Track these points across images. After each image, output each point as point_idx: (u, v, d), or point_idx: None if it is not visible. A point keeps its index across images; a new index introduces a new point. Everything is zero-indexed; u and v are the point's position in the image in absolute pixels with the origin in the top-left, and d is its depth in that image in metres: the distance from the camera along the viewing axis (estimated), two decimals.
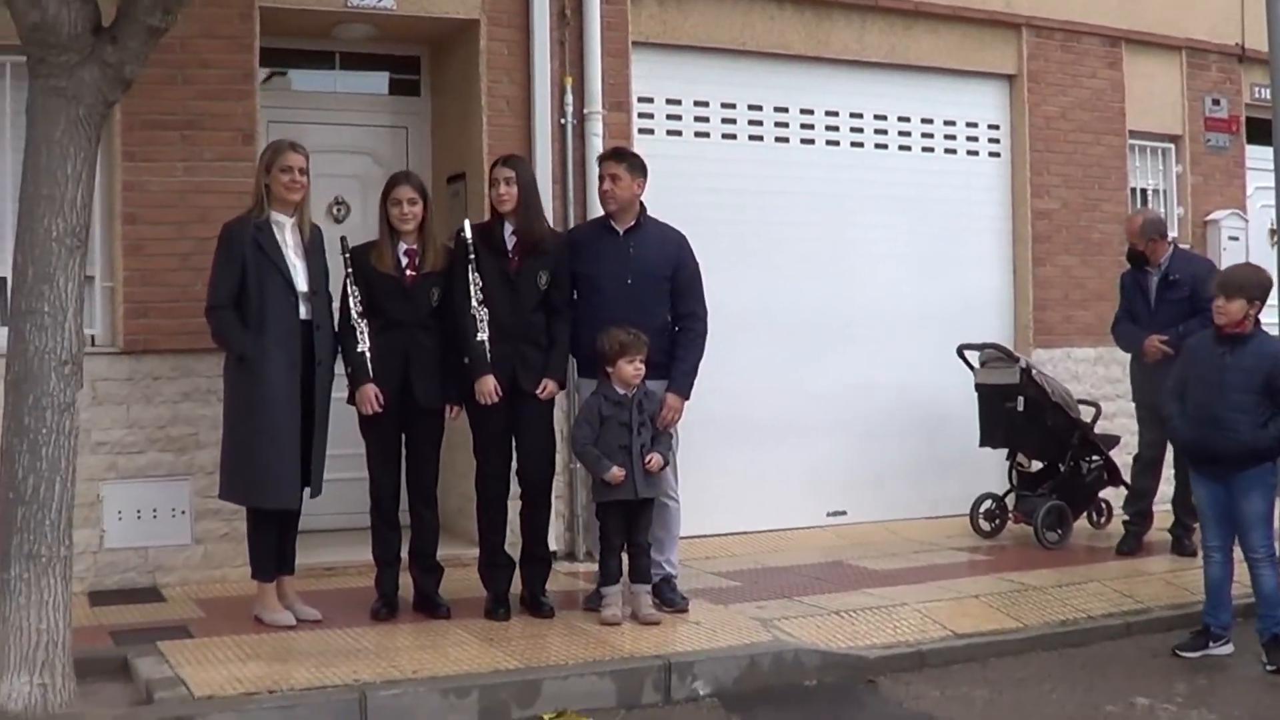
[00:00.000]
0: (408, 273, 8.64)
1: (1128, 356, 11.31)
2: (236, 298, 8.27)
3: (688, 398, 8.95)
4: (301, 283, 8.36)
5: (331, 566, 9.89)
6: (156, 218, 9.56)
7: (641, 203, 9.09)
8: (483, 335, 8.58)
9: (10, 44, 7.29)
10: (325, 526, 10.21)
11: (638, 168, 9.09)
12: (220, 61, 9.77)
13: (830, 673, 8.20)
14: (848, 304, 12.14)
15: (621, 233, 9.04)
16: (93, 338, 9.50)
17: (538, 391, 8.72)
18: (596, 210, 9.83)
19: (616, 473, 8.49)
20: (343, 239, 8.75)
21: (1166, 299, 10.88)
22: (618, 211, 9.05)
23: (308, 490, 8.51)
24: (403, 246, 8.68)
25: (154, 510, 9.51)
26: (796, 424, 11.82)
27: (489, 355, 8.59)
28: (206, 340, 8.65)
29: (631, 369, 8.57)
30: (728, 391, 11.05)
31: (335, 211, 11.17)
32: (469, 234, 8.66)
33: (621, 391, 8.62)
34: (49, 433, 6.98)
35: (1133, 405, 11.33)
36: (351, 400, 8.64)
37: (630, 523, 8.68)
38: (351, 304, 8.55)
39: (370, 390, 8.51)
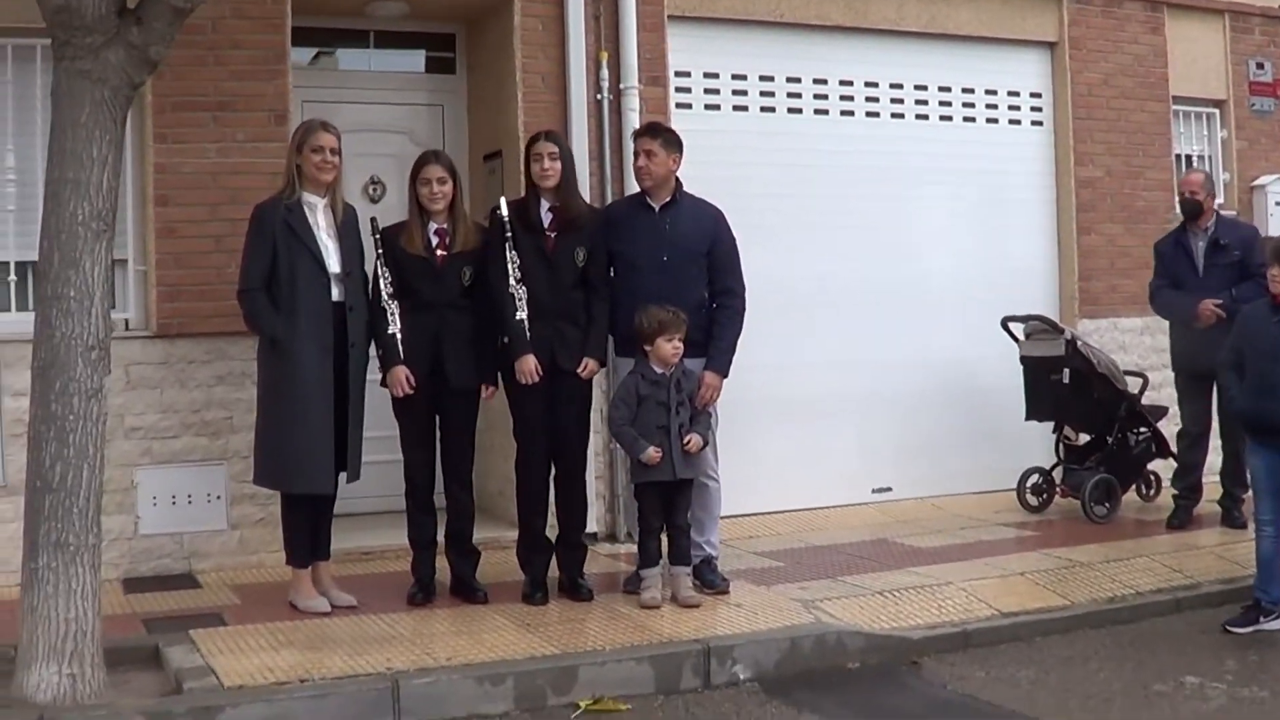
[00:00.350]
0: (438, 253, 8.52)
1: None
2: (268, 280, 8.17)
3: (726, 375, 8.80)
4: (334, 264, 8.25)
5: (369, 551, 9.78)
6: (189, 200, 9.46)
7: (677, 178, 8.94)
8: (521, 314, 8.46)
9: (40, 26, 7.16)
10: (362, 510, 10.12)
11: (673, 143, 8.94)
12: (252, 42, 9.65)
13: (873, 654, 8.04)
14: (890, 277, 11.96)
15: (657, 209, 8.89)
16: (126, 321, 9.44)
17: (579, 370, 8.60)
18: (633, 186, 9.70)
19: (653, 453, 8.34)
20: (373, 220, 8.63)
21: (1215, 263, 10.71)
22: (653, 188, 8.90)
23: (344, 476, 8.39)
24: (433, 226, 8.55)
25: (189, 496, 9.41)
26: (839, 399, 11.68)
27: (528, 334, 8.47)
28: (240, 323, 8.57)
29: (670, 347, 8.43)
30: (768, 367, 10.94)
31: (371, 191, 11.07)
32: (505, 211, 8.53)
33: (659, 370, 8.47)
34: (76, 419, 6.88)
35: None
36: (384, 382, 8.53)
37: (669, 504, 8.53)
38: (382, 285, 8.44)
39: (401, 372, 8.40)
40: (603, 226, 8.87)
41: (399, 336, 8.41)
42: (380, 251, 8.48)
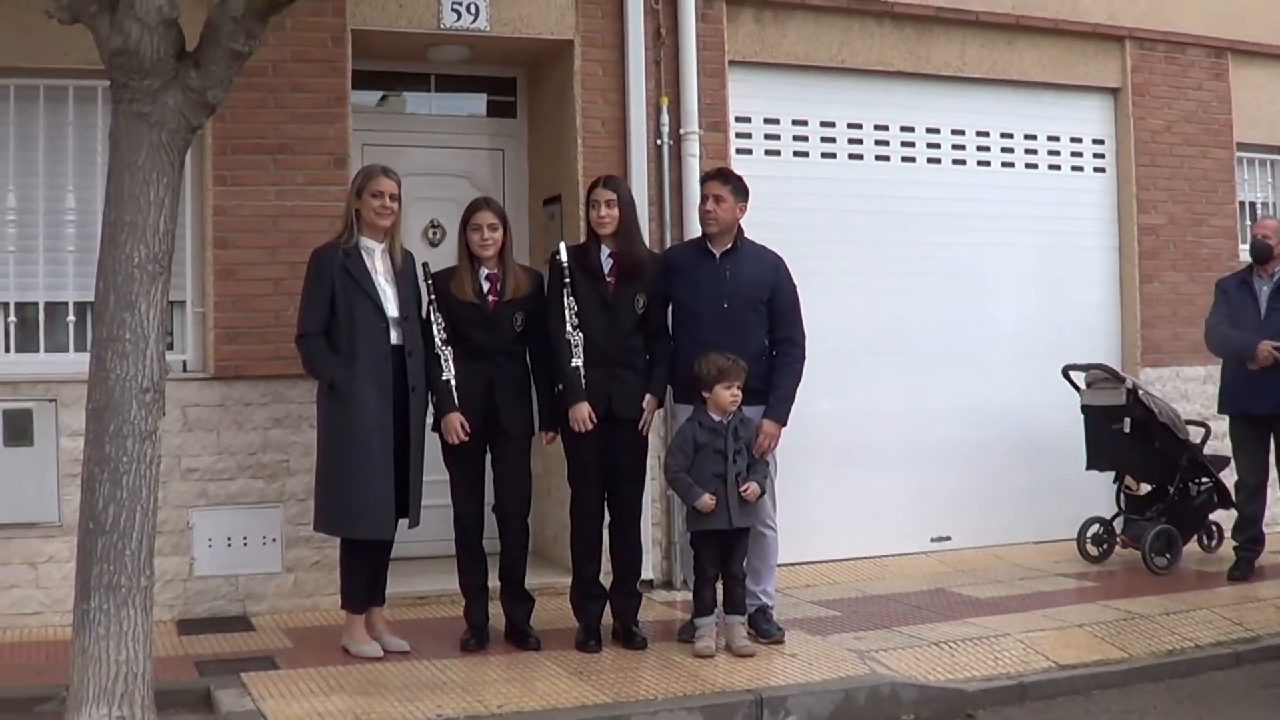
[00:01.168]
0: (489, 299, 8.46)
1: None
2: (327, 325, 8.15)
3: (785, 424, 8.68)
4: (392, 308, 8.23)
5: (423, 595, 9.70)
6: (248, 242, 9.45)
7: (740, 225, 8.86)
8: (577, 361, 8.40)
9: (101, 68, 7.15)
10: (418, 554, 10.02)
11: (741, 191, 8.87)
12: (312, 85, 9.65)
13: (928, 707, 7.90)
14: (951, 324, 11.83)
15: (718, 255, 8.80)
16: (184, 363, 9.43)
17: (643, 404, 8.55)
18: (693, 232, 9.68)
19: (707, 501, 8.23)
20: (424, 265, 8.56)
21: (1278, 308, 10.60)
22: (718, 234, 8.81)
23: (404, 520, 8.36)
24: (484, 272, 8.49)
25: (244, 538, 9.37)
26: (899, 447, 11.55)
27: (584, 381, 8.40)
28: (298, 366, 8.55)
29: (729, 395, 8.33)
30: (827, 414, 10.87)
31: (431, 235, 11.03)
32: (564, 257, 8.48)
33: (717, 418, 8.36)
34: (130, 461, 6.82)
35: None
36: (436, 428, 8.47)
37: (725, 552, 8.41)
38: (435, 331, 8.39)
39: (456, 419, 8.35)
40: (662, 272, 8.78)
41: (453, 383, 8.36)
42: (432, 297, 8.43)
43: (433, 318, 8.40)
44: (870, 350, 11.47)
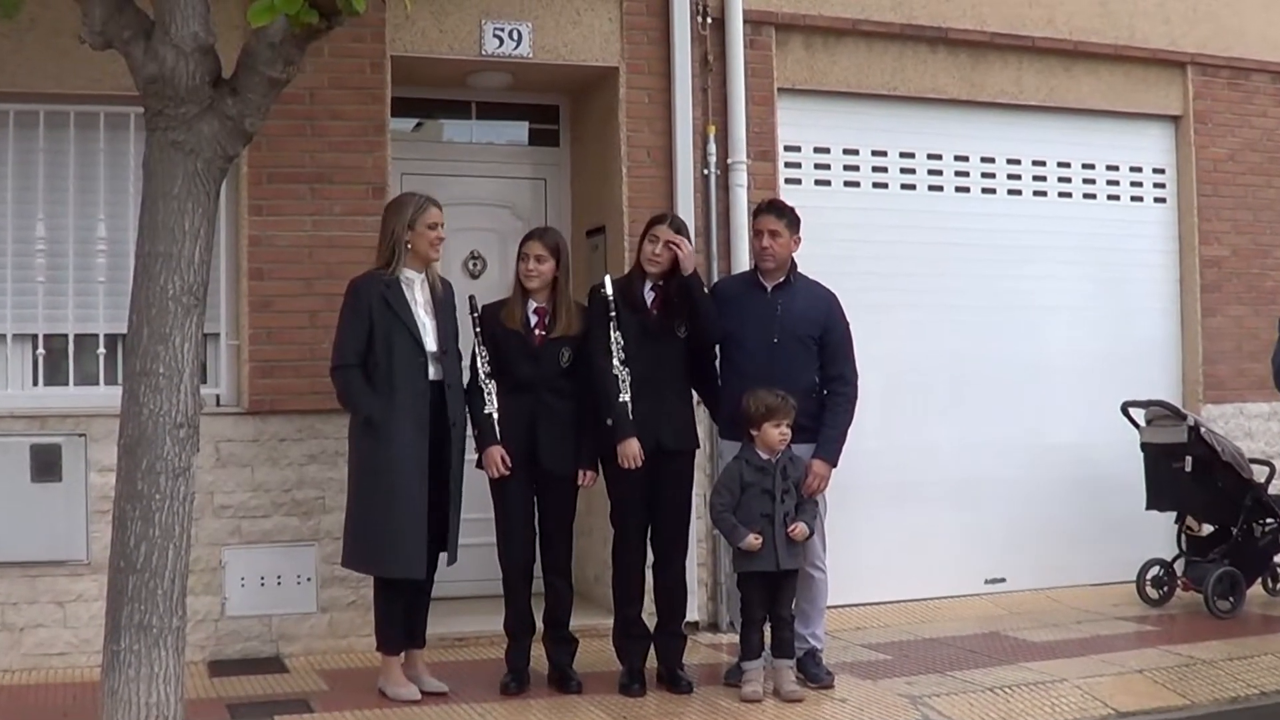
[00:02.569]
0: (536, 332, 8.46)
1: None
2: (363, 357, 8.15)
3: (835, 465, 8.64)
4: (431, 342, 8.24)
5: (463, 637, 9.68)
6: (284, 273, 9.47)
7: (793, 259, 8.83)
8: (625, 396, 8.37)
9: (134, 94, 7.17)
10: (457, 594, 10.03)
11: (795, 223, 8.84)
12: (351, 113, 9.68)
13: None
14: (1006, 359, 11.78)
15: (769, 290, 8.77)
16: (217, 397, 9.44)
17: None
18: (741, 263, 9.69)
19: (752, 541, 8.18)
20: (471, 298, 8.59)
21: None
22: (773, 269, 8.78)
23: (443, 558, 8.35)
24: (532, 305, 8.50)
25: (278, 577, 9.37)
26: (952, 485, 11.50)
27: (632, 416, 8.37)
28: (334, 400, 8.54)
29: (777, 433, 8.30)
30: (877, 451, 10.83)
31: (471, 266, 11.05)
32: (610, 290, 8.47)
33: (765, 456, 8.34)
34: (163, 498, 6.81)
35: None
36: (480, 464, 8.47)
37: (772, 594, 8.37)
38: (479, 364, 8.42)
39: (497, 452, 8.35)
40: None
41: (495, 417, 8.37)
42: (478, 330, 8.45)
43: (477, 350, 8.43)
44: (923, 386, 11.45)
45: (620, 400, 8.36)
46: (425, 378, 8.19)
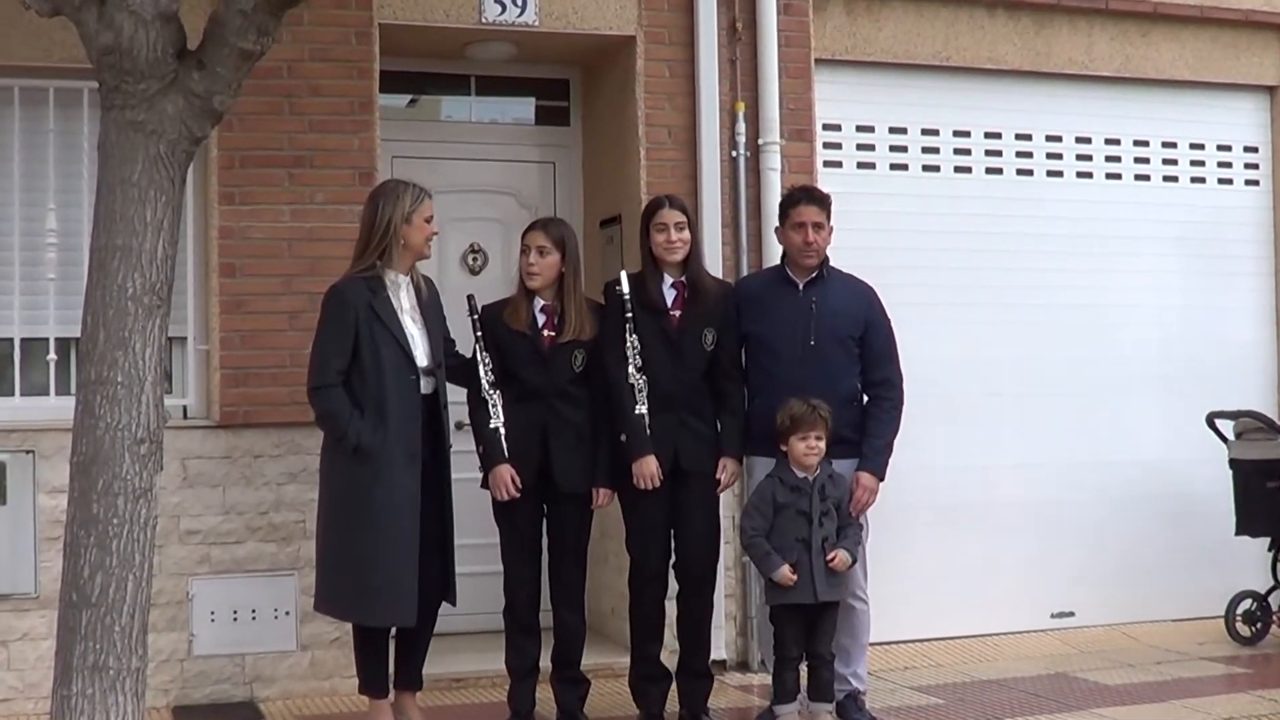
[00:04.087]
0: (545, 333, 8.49)
1: None
2: (346, 374, 8.06)
3: (883, 479, 8.69)
4: (421, 355, 8.16)
5: (460, 677, 9.74)
6: (259, 269, 9.51)
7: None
8: (642, 408, 8.42)
9: (86, 66, 7.22)
10: (455, 629, 10.02)
11: (830, 210, 8.89)
12: (334, 88, 9.72)
13: None
14: (1074, 364, 11.79)
15: (802, 286, 8.80)
16: (184, 409, 9.49)
17: (718, 474, 8.57)
18: (773, 257, 9.63)
19: (786, 573, 8.21)
20: (470, 298, 8.61)
21: None
22: (813, 264, 8.82)
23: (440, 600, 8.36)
24: (539, 303, 8.53)
25: (253, 611, 9.41)
26: (1013, 507, 11.50)
27: (649, 431, 8.42)
28: None
29: (803, 447, 8.32)
30: (928, 469, 10.84)
31: (471, 261, 11.11)
32: (626, 289, 8.50)
33: (800, 474, 8.37)
34: (121, 523, 6.86)
35: None
36: (484, 484, 8.50)
37: (810, 630, 8.40)
38: (482, 373, 8.42)
39: (506, 472, 8.36)
40: (736, 305, 8.81)
41: (503, 431, 8.39)
42: (479, 334, 8.46)
43: (479, 357, 8.44)
44: (979, 395, 11.46)
45: (636, 413, 8.40)
46: (417, 398, 8.13)
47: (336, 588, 8.13)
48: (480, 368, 8.43)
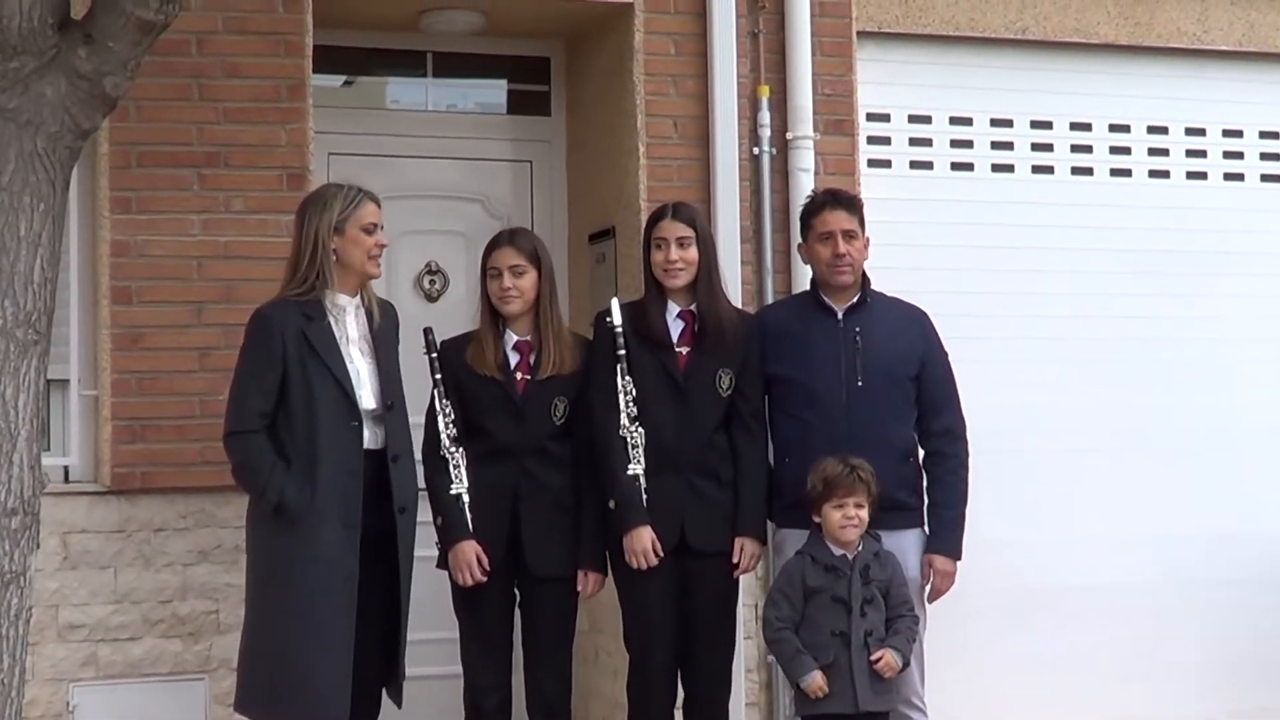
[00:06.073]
0: (518, 376, 8.50)
1: None
2: (271, 418, 8.04)
3: (960, 558, 8.73)
4: (368, 398, 8.14)
5: None
6: (161, 295, 9.51)
7: (865, 272, 8.88)
8: (636, 467, 8.42)
9: None
10: None
11: (862, 216, 8.89)
12: (256, 68, 9.75)
13: None
14: (1190, 413, 11.80)
15: (841, 314, 8.80)
16: (66, 470, 9.51)
17: (734, 560, 8.57)
18: (802, 282, 9.63)
19: (816, 681, 8.15)
20: (427, 332, 8.57)
21: None
22: (848, 285, 8.82)
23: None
24: (511, 339, 8.54)
25: None
26: (1110, 591, 11.47)
27: (645, 496, 8.43)
28: (233, 475, 8.44)
29: (839, 517, 8.27)
30: (1001, 544, 10.81)
31: (427, 285, 11.13)
32: (617, 319, 8.52)
33: (837, 551, 8.35)
34: None
35: None
36: (442, 563, 8.50)
37: None
38: (441, 425, 8.42)
39: (470, 550, 8.35)
40: (757, 339, 8.81)
41: (466, 499, 8.38)
42: (438, 376, 8.45)
43: (438, 405, 8.43)
44: (1064, 451, 11.43)
45: (628, 474, 8.41)
46: (359, 449, 8.07)
47: (253, 683, 8.12)
48: (440, 419, 8.41)
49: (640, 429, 8.42)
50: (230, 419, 8.14)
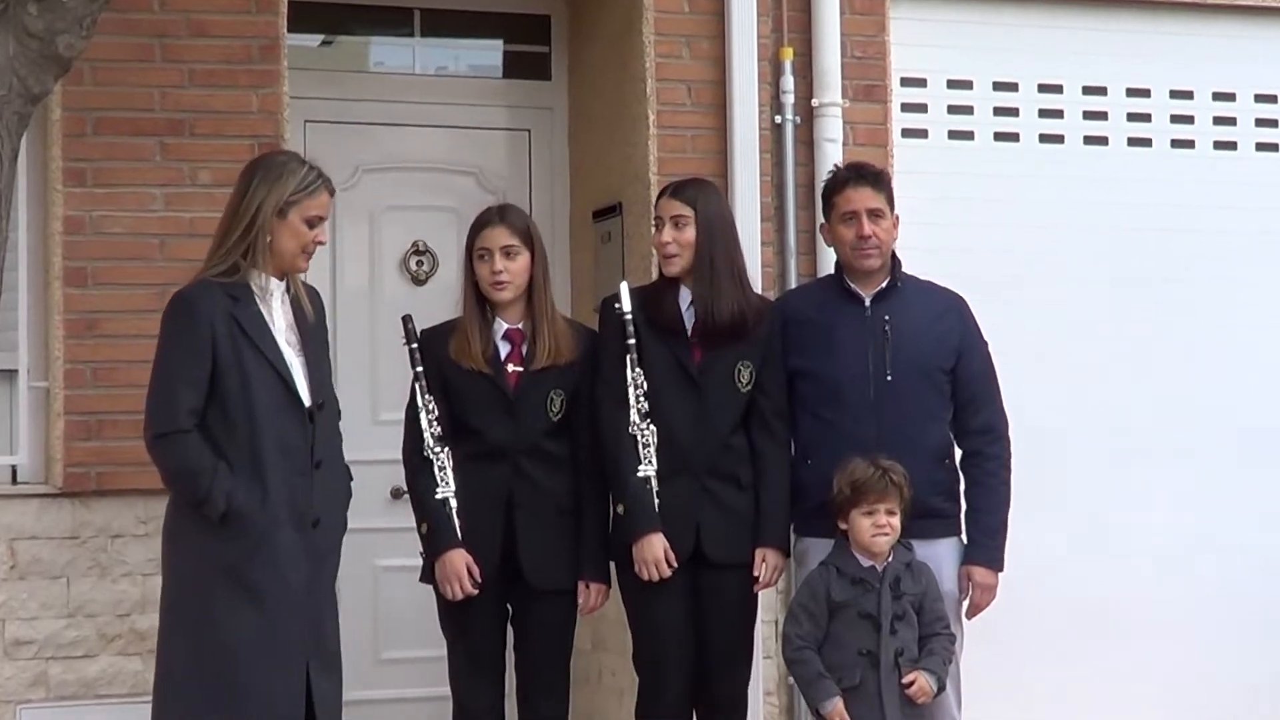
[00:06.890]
0: (509, 368, 8.46)
1: None
2: (202, 415, 7.74)
3: (1001, 569, 8.72)
4: (306, 390, 7.88)
5: None
6: (119, 276, 9.54)
7: (895, 254, 8.84)
8: (647, 469, 8.41)
9: None
10: None
11: (891, 194, 8.86)
12: (226, 26, 9.75)
13: None
14: (1259, 413, 11.80)
15: (869, 300, 8.76)
16: (14, 470, 9.55)
17: (755, 573, 8.57)
18: (828, 265, 9.61)
19: (837, 709, 8.11)
20: (406, 321, 8.53)
21: None
22: (876, 269, 8.79)
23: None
24: (501, 327, 8.50)
25: None
26: (1173, 607, 11.51)
27: (657, 500, 8.42)
28: None
29: (869, 525, 8.22)
30: (1049, 558, 10.80)
31: (414, 267, 11.12)
32: (626, 305, 8.49)
33: (865, 562, 8.33)
34: None
35: None
36: (426, 576, 8.50)
37: None
38: (425, 424, 8.38)
39: (460, 561, 8.31)
40: (778, 329, 8.78)
41: (454, 504, 8.35)
42: (419, 369, 8.43)
43: (420, 402, 8.40)
44: (1117, 452, 11.43)
45: (638, 475, 8.40)
46: (306, 447, 7.81)
47: (188, 694, 7.71)
48: (423, 416, 8.38)
49: (652, 426, 8.40)
50: (157, 419, 7.79)
